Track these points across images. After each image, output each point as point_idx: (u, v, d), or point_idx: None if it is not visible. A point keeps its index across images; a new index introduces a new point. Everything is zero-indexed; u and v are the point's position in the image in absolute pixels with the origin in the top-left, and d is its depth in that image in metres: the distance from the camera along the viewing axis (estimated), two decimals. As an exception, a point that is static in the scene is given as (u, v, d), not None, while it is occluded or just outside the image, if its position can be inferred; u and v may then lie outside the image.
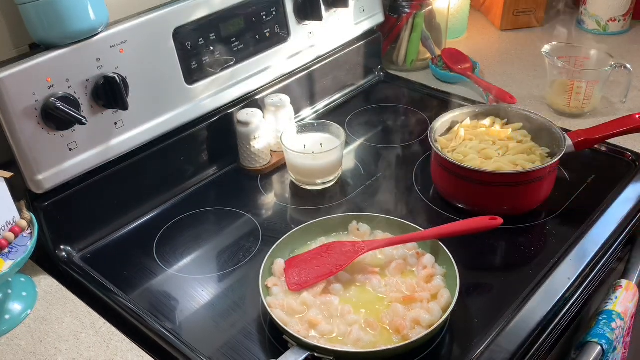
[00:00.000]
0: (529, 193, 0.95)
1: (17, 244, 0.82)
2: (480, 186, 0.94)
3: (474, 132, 1.04)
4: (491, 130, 1.04)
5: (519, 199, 0.95)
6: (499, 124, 1.06)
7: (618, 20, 1.54)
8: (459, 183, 0.96)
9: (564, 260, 0.87)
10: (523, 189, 0.94)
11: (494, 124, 1.06)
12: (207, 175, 1.11)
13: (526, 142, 1.02)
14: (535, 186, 0.94)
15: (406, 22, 1.40)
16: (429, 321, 0.75)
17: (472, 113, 1.08)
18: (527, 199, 0.96)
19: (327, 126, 1.10)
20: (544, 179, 0.94)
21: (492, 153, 0.99)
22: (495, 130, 1.04)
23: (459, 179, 0.96)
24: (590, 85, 1.19)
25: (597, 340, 0.84)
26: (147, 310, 0.84)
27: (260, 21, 1.10)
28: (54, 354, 0.78)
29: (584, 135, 0.99)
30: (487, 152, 0.99)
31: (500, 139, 1.03)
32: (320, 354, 0.71)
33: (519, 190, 0.94)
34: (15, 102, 0.82)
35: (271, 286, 0.82)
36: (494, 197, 0.95)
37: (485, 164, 0.97)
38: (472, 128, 1.06)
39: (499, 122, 1.06)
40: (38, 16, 0.82)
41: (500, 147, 1.01)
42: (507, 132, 1.03)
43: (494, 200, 0.95)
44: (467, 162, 0.97)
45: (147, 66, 0.95)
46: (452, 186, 0.99)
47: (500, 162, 0.96)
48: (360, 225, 0.90)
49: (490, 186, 0.94)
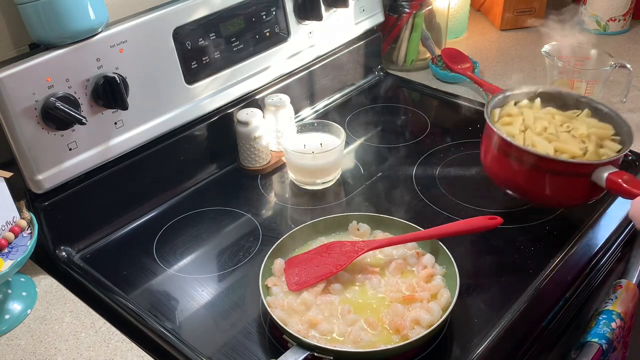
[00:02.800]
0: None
1: (17, 244, 0.82)
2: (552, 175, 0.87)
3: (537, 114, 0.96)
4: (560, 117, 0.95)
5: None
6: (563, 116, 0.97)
7: (618, 20, 1.54)
8: (523, 170, 0.89)
9: (564, 260, 0.87)
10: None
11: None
12: (207, 175, 1.11)
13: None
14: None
15: (406, 21, 1.40)
16: (429, 321, 0.74)
17: (532, 95, 1.00)
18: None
19: (327, 126, 1.10)
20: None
21: (564, 136, 0.91)
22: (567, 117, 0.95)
23: (525, 165, 0.88)
24: (590, 85, 1.19)
25: (597, 340, 0.84)
26: (147, 310, 0.84)
27: (260, 21, 1.10)
28: (54, 354, 0.78)
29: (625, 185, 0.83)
30: (554, 135, 0.91)
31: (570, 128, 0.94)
32: (320, 354, 0.71)
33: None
34: (15, 102, 0.82)
35: (271, 286, 0.82)
36: (568, 188, 0.89)
37: (558, 147, 0.89)
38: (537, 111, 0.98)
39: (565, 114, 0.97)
40: (37, 16, 0.82)
41: (570, 128, 0.93)
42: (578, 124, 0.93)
43: (566, 191, 0.89)
44: (538, 148, 0.88)
45: (147, 66, 0.95)
46: (511, 172, 0.91)
47: (570, 144, 0.89)
48: (360, 225, 0.90)
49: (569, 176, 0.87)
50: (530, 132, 0.92)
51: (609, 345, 0.84)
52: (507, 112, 0.97)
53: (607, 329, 0.85)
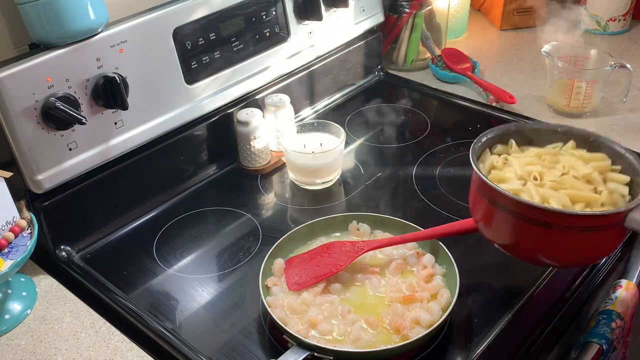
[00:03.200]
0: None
1: (17, 244, 0.82)
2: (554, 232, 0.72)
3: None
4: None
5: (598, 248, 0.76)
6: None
7: (618, 20, 1.54)
8: (515, 223, 0.75)
9: (564, 260, 0.87)
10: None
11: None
12: (207, 175, 1.11)
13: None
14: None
15: (406, 21, 1.40)
16: (429, 321, 0.75)
17: (504, 136, 0.85)
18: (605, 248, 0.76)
19: (327, 126, 1.10)
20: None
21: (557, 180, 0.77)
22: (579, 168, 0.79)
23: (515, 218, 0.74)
24: (590, 85, 1.19)
25: (597, 340, 0.84)
26: (147, 310, 0.84)
27: (260, 21, 1.10)
28: (54, 354, 0.78)
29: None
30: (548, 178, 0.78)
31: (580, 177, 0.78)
32: (320, 354, 0.71)
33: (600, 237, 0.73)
34: (15, 102, 0.82)
35: (271, 286, 0.82)
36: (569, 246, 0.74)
37: (572, 195, 0.75)
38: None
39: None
40: (37, 16, 0.82)
41: (567, 168, 0.79)
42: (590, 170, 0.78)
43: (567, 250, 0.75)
44: (521, 193, 0.75)
45: (147, 66, 0.95)
46: (502, 225, 0.77)
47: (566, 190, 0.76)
48: (360, 225, 0.90)
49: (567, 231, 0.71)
50: (532, 184, 0.77)
51: (609, 345, 0.84)
52: (491, 165, 0.82)
53: (607, 329, 0.85)
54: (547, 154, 0.81)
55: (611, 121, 1.21)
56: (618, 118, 1.22)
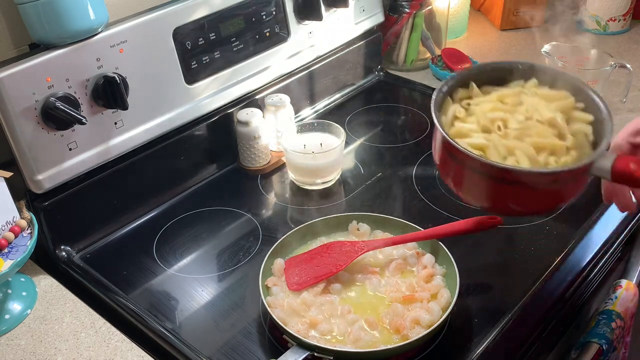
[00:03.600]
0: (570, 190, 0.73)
1: (17, 244, 0.82)
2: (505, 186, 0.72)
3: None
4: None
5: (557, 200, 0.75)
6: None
7: (618, 20, 1.54)
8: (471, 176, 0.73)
9: (564, 260, 0.87)
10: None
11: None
12: (207, 175, 1.11)
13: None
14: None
15: (406, 21, 1.40)
16: (429, 321, 0.74)
17: (464, 79, 0.80)
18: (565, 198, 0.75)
19: (327, 126, 1.10)
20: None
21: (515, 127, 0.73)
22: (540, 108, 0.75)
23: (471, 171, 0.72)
24: (590, 85, 1.19)
25: (597, 340, 0.84)
26: (147, 310, 0.84)
27: (260, 21, 1.10)
28: (54, 354, 0.78)
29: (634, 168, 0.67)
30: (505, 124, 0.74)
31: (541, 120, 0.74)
32: (320, 354, 0.71)
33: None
34: (15, 102, 0.82)
35: (271, 286, 0.82)
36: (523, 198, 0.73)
37: (536, 143, 0.72)
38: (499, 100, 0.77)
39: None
40: (37, 16, 0.82)
41: (530, 112, 0.74)
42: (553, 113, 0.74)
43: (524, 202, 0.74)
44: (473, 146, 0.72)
45: (147, 66, 0.95)
46: (460, 178, 0.75)
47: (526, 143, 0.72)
48: (360, 225, 0.90)
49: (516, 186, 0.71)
50: (496, 137, 0.73)
51: (609, 345, 0.84)
52: (454, 116, 0.78)
53: (607, 329, 0.85)
54: (509, 96, 0.77)
55: (611, 121, 1.21)
56: (618, 118, 1.22)
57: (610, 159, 0.68)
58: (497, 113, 0.75)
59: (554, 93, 0.77)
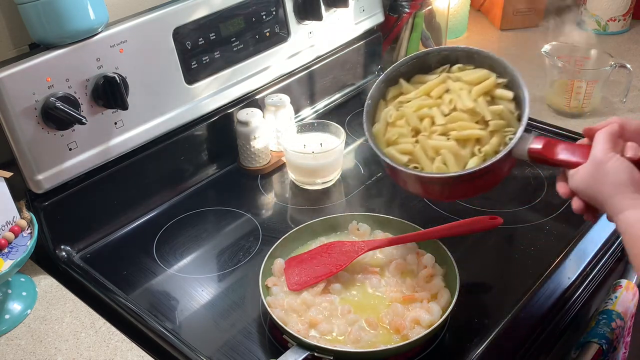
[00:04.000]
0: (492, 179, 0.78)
1: (17, 244, 0.82)
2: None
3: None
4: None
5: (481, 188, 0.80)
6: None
7: (618, 20, 1.54)
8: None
9: (564, 260, 0.87)
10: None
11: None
12: (207, 175, 1.11)
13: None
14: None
15: (406, 21, 1.40)
16: (429, 321, 0.74)
17: (393, 75, 0.84)
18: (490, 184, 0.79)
19: (327, 126, 1.10)
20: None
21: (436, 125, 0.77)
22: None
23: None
24: (590, 85, 1.19)
25: (597, 340, 0.84)
26: (147, 310, 0.84)
27: (260, 21, 1.10)
28: (54, 354, 0.78)
29: (543, 150, 0.71)
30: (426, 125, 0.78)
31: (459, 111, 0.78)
32: (320, 354, 0.71)
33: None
34: (15, 102, 0.82)
35: (271, 286, 0.82)
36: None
37: (459, 136, 0.76)
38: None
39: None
40: (38, 16, 0.82)
41: (453, 103, 0.78)
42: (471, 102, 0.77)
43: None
44: (398, 156, 0.78)
45: (147, 66, 0.95)
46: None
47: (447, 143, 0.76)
48: (360, 225, 0.90)
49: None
50: (424, 138, 0.77)
51: (609, 345, 0.84)
52: (385, 121, 0.82)
53: (607, 329, 0.85)
54: (435, 86, 0.80)
55: (611, 121, 1.21)
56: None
57: (527, 142, 0.72)
58: (423, 110, 0.79)
59: (476, 74, 0.80)
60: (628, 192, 0.62)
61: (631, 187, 0.62)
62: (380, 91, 0.84)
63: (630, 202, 0.62)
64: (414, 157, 0.78)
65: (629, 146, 0.66)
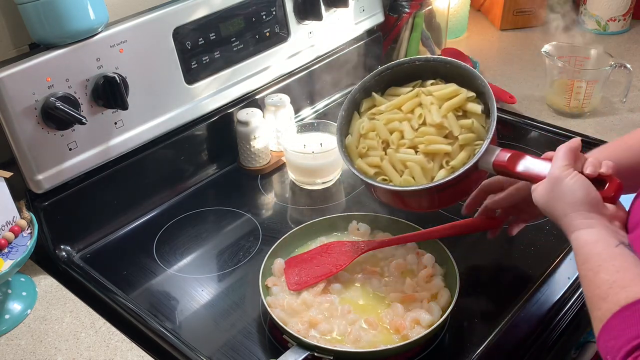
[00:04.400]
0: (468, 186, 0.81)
1: (17, 244, 0.82)
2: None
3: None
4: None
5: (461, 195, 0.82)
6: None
7: (618, 20, 1.54)
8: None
9: (564, 260, 0.87)
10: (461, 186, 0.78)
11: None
12: (207, 175, 1.11)
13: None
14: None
15: (406, 21, 1.40)
16: (429, 321, 0.75)
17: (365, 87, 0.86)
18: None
19: (327, 126, 1.10)
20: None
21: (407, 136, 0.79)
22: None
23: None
24: (590, 85, 1.19)
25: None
26: (147, 310, 0.84)
27: (260, 21, 1.10)
28: (54, 354, 0.78)
29: (507, 163, 0.72)
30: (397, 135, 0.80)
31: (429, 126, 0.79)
32: (320, 354, 0.71)
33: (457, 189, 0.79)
34: (15, 102, 0.82)
35: (271, 286, 0.82)
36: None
37: (427, 150, 0.78)
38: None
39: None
40: (38, 16, 0.82)
41: (422, 117, 0.80)
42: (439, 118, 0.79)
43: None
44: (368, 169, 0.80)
45: (147, 66, 0.95)
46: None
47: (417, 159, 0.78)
48: (360, 225, 0.90)
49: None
50: (392, 152, 0.80)
51: (609, 345, 0.84)
52: (359, 133, 0.84)
53: (607, 329, 0.85)
54: (406, 100, 0.82)
55: (611, 121, 1.21)
56: (618, 118, 1.22)
57: (492, 155, 0.73)
58: (394, 124, 0.81)
59: (447, 90, 0.81)
60: (582, 211, 0.62)
61: (586, 205, 0.62)
62: (354, 103, 0.86)
63: (582, 221, 0.62)
64: (382, 169, 0.80)
65: (588, 162, 0.66)
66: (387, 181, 0.79)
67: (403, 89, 0.85)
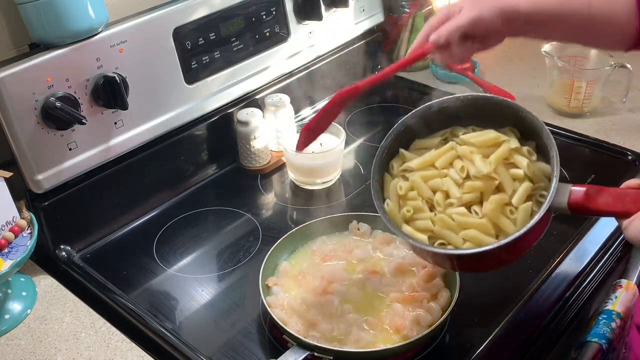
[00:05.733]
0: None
1: (17, 244, 0.82)
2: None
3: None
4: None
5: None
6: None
7: (618, 20, 1.53)
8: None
9: (564, 260, 0.87)
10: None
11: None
12: (207, 175, 1.11)
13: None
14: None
15: (406, 21, 1.40)
16: (429, 321, 0.74)
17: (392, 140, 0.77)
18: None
19: (327, 126, 1.09)
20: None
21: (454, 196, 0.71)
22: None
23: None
24: (590, 85, 1.19)
25: (597, 340, 0.84)
26: (147, 310, 0.84)
27: (260, 21, 1.10)
28: (54, 354, 0.78)
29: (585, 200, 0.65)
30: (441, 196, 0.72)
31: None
32: (320, 354, 0.71)
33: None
34: (15, 102, 0.82)
35: (271, 286, 0.82)
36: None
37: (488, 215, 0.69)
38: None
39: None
40: (37, 16, 0.82)
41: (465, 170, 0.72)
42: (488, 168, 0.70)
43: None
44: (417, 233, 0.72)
45: (147, 66, 0.95)
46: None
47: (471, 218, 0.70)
48: (360, 225, 0.90)
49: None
50: (445, 217, 0.71)
51: (609, 345, 0.84)
52: (397, 195, 0.75)
53: (607, 329, 0.85)
54: (441, 155, 0.74)
55: (611, 121, 1.21)
56: (618, 118, 1.22)
57: (565, 194, 0.65)
58: (435, 180, 0.73)
59: (486, 137, 0.73)
60: None
61: None
62: (381, 168, 0.77)
63: None
64: (435, 234, 0.72)
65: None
66: (444, 246, 0.71)
67: (430, 140, 0.77)
